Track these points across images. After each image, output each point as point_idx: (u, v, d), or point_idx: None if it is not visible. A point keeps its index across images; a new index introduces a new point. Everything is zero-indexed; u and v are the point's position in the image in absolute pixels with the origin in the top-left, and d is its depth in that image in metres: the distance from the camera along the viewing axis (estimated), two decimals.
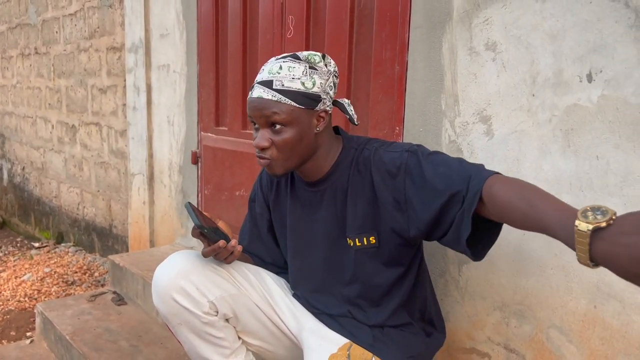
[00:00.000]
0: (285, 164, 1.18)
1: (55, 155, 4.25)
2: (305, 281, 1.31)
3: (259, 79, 1.17)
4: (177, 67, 2.62)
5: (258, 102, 1.15)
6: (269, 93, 1.14)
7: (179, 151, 2.72)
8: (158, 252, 2.67)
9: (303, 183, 1.28)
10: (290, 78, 1.14)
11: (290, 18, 1.95)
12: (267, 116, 1.14)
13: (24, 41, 4.56)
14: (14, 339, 2.58)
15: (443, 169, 1.09)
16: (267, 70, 1.17)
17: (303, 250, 1.30)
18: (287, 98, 1.13)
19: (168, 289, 1.20)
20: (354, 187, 1.20)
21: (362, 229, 1.19)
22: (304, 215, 1.29)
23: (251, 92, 1.18)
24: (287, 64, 1.16)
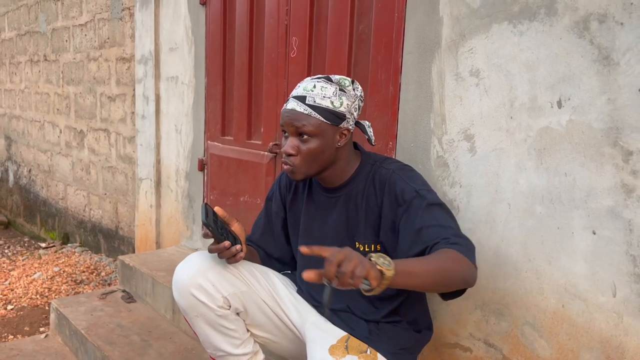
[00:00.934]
0: (306, 170, 1.37)
1: (63, 158, 4.40)
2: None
3: (295, 93, 1.36)
4: (186, 79, 2.78)
5: (291, 114, 1.33)
6: (302, 107, 1.32)
7: (185, 158, 2.87)
8: (165, 253, 2.82)
9: (321, 188, 1.47)
10: (321, 96, 1.33)
11: (294, 39, 2.11)
12: (297, 127, 1.32)
13: (33, 48, 4.71)
14: (28, 333, 2.72)
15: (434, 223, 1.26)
16: (302, 87, 1.36)
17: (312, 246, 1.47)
18: (316, 113, 1.32)
19: (187, 286, 1.36)
20: (367, 198, 1.39)
21: (369, 237, 1.38)
22: (318, 216, 1.46)
23: (286, 104, 1.37)
24: (320, 84, 1.35)
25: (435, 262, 1.14)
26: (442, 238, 1.21)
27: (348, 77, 1.40)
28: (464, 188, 1.60)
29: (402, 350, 1.40)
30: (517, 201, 1.48)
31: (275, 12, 2.19)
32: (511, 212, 1.50)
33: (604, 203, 1.32)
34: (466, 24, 1.57)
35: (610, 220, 1.31)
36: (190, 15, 2.68)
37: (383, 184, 1.37)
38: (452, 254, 1.17)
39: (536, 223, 1.45)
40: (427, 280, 1.10)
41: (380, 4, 1.79)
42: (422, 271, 1.10)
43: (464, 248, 1.20)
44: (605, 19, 1.29)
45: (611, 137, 1.29)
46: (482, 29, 1.53)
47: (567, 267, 1.40)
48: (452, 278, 1.14)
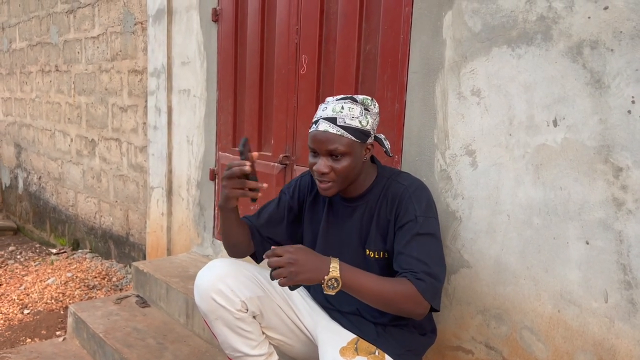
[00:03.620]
0: (340, 187, 1.48)
1: (74, 166, 4.51)
2: None
3: (324, 115, 1.45)
4: (197, 92, 2.89)
5: (323, 135, 1.43)
6: (334, 128, 1.42)
7: (197, 168, 2.98)
8: (177, 259, 2.93)
9: (340, 197, 1.57)
10: (350, 117, 1.43)
11: (304, 57, 2.22)
12: (331, 149, 1.42)
13: (44, 58, 4.83)
14: (45, 337, 2.82)
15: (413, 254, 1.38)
16: (331, 109, 1.45)
17: (328, 252, 1.57)
18: (348, 133, 1.42)
19: (208, 290, 1.47)
20: (380, 209, 1.50)
21: (380, 245, 1.50)
22: (335, 223, 1.57)
23: (316, 125, 1.46)
24: (348, 105, 1.45)
25: (384, 287, 1.31)
26: (411, 271, 1.34)
27: (368, 97, 1.51)
28: (466, 200, 1.70)
29: (408, 352, 1.50)
30: (516, 213, 1.58)
31: (285, 31, 2.30)
32: (510, 223, 1.60)
33: (596, 215, 1.42)
34: (468, 47, 1.67)
35: (602, 232, 1.41)
36: (203, 31, 2.80)
37: (395, 199, 1.48)
38: (406, 288, 1.31)
39: (533, 233, 1.55)
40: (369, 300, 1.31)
41: (387, 26, 1.90)
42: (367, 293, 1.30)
43: (425, 286, 1.32)
44: (597, 45, 1.40)
45: (603, 155, 1.40)
46: (482, 52, 1.64)
47: (562, 275, 1.50)
48: (391, 306, 1.32)
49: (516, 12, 1.55)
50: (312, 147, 1.47)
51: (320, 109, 1.50)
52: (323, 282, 1.26)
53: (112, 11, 3.71)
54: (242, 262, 1.57)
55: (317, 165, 1.46)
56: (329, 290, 1.27)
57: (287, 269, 1.24)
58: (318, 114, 1.50)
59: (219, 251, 2.88)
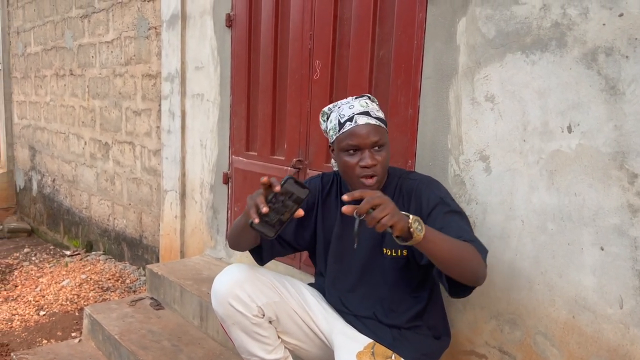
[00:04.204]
0: (382, 178, 1.51)
1: (87, 169, 4.56)
2: (342, 281, 1.60)
3: (357, 110, 1.48)
4: (211, 97, 2.92)
5: (366, 128, 1.45)
6: (373, 120, 1.47)
7: (210, 171, 3.01)
8: (190, 262, 2.95)
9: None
10: (376, 110, 1.50)
11: (317, 62, 2.24)
12: (374, 140, 1.45)
13: (58, 62, 4.89)
14: (61, 338, 2.86)
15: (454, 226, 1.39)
16: (358, 104, 1.49)
17: (344, 254, 1.59)
18: (382, 124, 1.48)
19: (225, 296, 1.49)
20: None
21: (397, 244, 1.48)
22: (350, 226, 1.57)
23: (353, 121, 1.46)
24: (368, 101, 1.52)
25: (457, 245, 1.30)
26: (460, 236, 1.35)
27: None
28: (480, 205, 1.71)
29: (423, 356, 1.51)
30: (530, 218, 1.59)
31: (299, 37, 2.32)
32: (524, 228, 1.61)
33: (611, 221, 1.42)
34: (482, 53, 1.68)
35: (617, 238, 1.41)
36: (216, 36, 2.83)
37: (410, 194, 1.51)
38: (470, 247, 1.33)
39: (548, 239, 1.55)
40: (445, 255, 1.27)
41: (400, 31, 1.91)
42: (444, 246, 1.27)
43: (479, 247, 1.35)
44: (612, 52, 1.40)
45: (618, 161, 1.40)
46: (496, 58, 1.65)
47: (577, 281, 1.50)
48: (465, 264, 1.30)
49: (530, 18, 1.56)
50: (354, 143, 1.45)
51: (345, 107, 1.50)
52: (410, 224, 1.19)
53: (126, 16, 3.75)
54: (258, 268, 1.59)
55: (364, 159, 1.45)
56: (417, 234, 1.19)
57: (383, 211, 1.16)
58: (345, 112, 1.49)
59: (231, 254, 2.91)
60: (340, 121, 1.49)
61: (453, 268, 1.30)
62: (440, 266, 1.31)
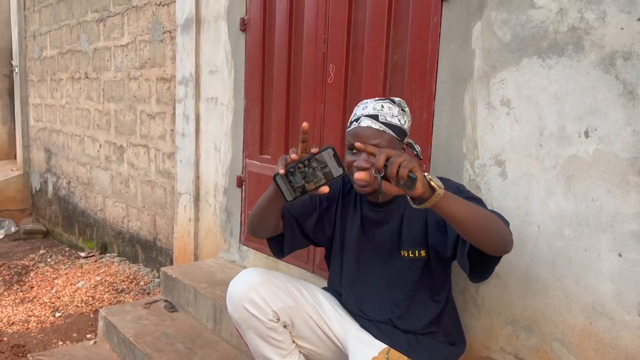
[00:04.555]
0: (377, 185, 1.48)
1: (102, 172, 4.61)
2: (359, 284, 1.60)
3: (365, 112, 1.48)
4: (225, 101, 2.94)
5: (367, 131, 1.45)
6: (377, 124, 1.45)
7: (224, 175, 3.02)
8: (204, 265, 2.97)
9: (369, 203, 1.58)
10: (390, 115, 1.47)
11: (331, 66, 2.24)
12: (373, 144, 1.43)
13: (74, 66, 4.94)
14: (76, 340, 2.89)
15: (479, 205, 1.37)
16: (371, 107, 1.48)
17: (361, 256, 1.59)
18: (390, 130, 1.45)
19: (241, 300, 1.49)
20: (410, 210, 1.51)
21: (415, 244, 1.50)
22: (367, 229, 1.58)
23: (358, 122, 1.47)
24: (387, 105, 1.48)
25: (479, 208, 1.28)
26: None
27: (402, 99, 1.54)
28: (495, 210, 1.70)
29: None
30: (546, 224, 1.58)
31: (313, 41, 2.33)
32: (540, 233, 1.59)
33: (629, 227, 1.41)
34: (497, 57, 1.67)
35: (636, 244, 1.40)
36: (230, 40, 2.84)
37: None
38: (493, 213, 1.31)
39: (564, 245, 1.54)
40: (468, 216, 1.22)
41: (415, 36, 1.91)
42: (467, 206, 1.23)
43: (501, 217, 1.34)
44: (630, 57, 1.39)
45: (636, 166, 1.39)
46: (512, 62, 1.64)
47: (594, 287, 1.49)
48: (490, 226, 1.26)
49: (547, 22, 1.55)
50: (352, 143, 1.46)
51: (359, 108, 1.52)
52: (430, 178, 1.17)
53: (141, 20, 3.79)
54: (274, 272, 1.60)
55: (358, 161, 1.45)
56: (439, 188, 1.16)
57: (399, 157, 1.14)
58: (357, 112, 1.51)
59: (245, 257, 2.92)
60: (350, 119, 1.52)
61: (479, 231, 1.23)
62: (465, 230, 1.23)
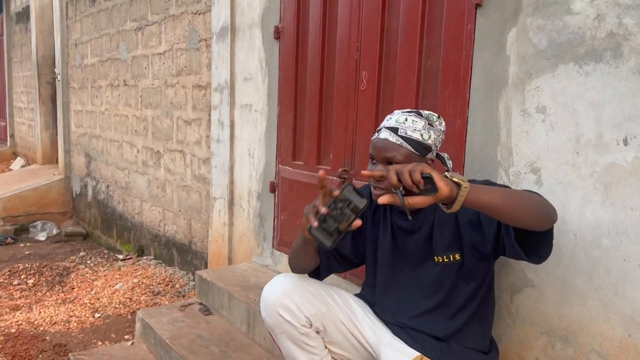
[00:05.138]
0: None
1: (140, 176, 4.73)
2: (392, 293, 1.61)
3: (387, 125, 1.50)
4: (259, 107, 2.98)
5: (383, 143, 1.48)
6: (394, 137, 1.47)
7: (257, 180, 3.07)
8: (238, 269, 3.02)
9: (399, 212, 1.60)
10: (412, 129, 1.47)
11: (364, 73, 2.26)
12: (388, 157, 1.46)
13: (113, 73, 5.10)
14: (114, 340, 2.98)
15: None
16: (395, 119, 1.50)
17: (394, 265, 1.59)
18: (407, 144, 1.46)
19: (274, 305, 1.52)
20: (440, 216, 1.52)
21: (448, 248, 1.51)
22: (399, 238, 1.60)
23: (378, 133, 1.51)
24: (412, 118, 1.49)
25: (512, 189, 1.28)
26: None
27: (435, 114, 1.53)
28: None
29: None
30: (583, 233, 1.55)
31: (346, 48, 2.35)
32: (577, 242, 1.57)
33: None
34: (532, 64, 1.66)
35: None
36: (265, 48, 2.89)
37: None
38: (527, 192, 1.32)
39: (602, 254, 1.51)
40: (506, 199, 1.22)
41: (448, 42, 1.90)
42: (500, 192, 1.24)
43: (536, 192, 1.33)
44: None
45: None
46: (548, 69, 1.62)
47: (633, 298, 1.45)
48: (531, 202, 1.25)
49: (584, 28, 1.53)
50: (371, 153, 1.52)
51: (386, 119, 1.55)
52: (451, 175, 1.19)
53: (178, 29, 3.88)
54: (306, 278, 1.62)
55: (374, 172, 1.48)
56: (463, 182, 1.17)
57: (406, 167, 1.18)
58: (382, 123, 1.54)
59: (278, 261, 2.95)
60: (377, 129, 1.55)
61: (520, 211, 1.22)
62: (505, 214, 1.22)
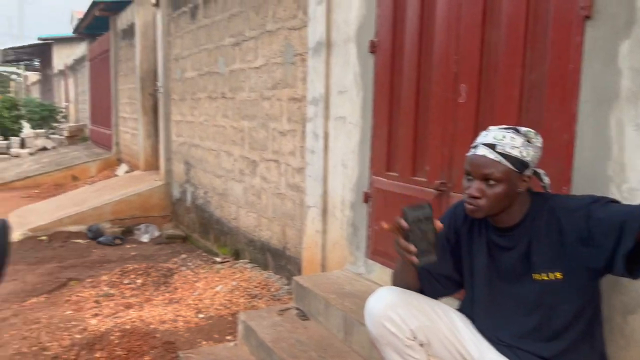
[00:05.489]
0: (488, 211, 1.53)
1: (236, 184, 4.98)
2: (492, 312, 1.61)
3: (484, 141, 1.52)
4: (353, 120, 3.06)
5: (481, 160, 1.50)
6: (493, 154, 1.48)
7: (350, 190, 3.14)
8: (332, 276, 3.10)
9: (494, 228, 1.60)
10: (511, 146, 1.48)
11: (463, 86, 2.26)
12: (486, 173, 1.48)
13: (212, 86, 5.41)
14: (217, 340, 3.17)
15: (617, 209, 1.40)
16: (492, 136, 1.51)
17: (492, 284, 1.60)
18: (506, 161, 1.47)
19: (379, 317, 1.58)
20: (540, 232, 1.51)
21: (549, 266, 1.49)
22: (494, 255, 1.60)
23: (475, 149, 1.53)
24: (510, 134, 1.50)
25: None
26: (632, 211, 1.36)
27: (532, 130, 1.53)
28: None
29: None
30: None
31: (443, 61, 2.36)
32: None
33: None
34: None
35: None
36: (359, 62, 2.96)
37: (555, 214, 1.49)
38: None
39: None
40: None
41: (554, 55, 1.87)
42: None
43: None
44: None
45: None
46: None
47: None
48: None
49: None
50: (468, 169, 1.53)
51: (481, 135, 1.56)
52: None
53: (274, 44, 4.06)
54: (410, 292, 1.66)
55: (470, 188, 1.51)
56: None
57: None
58: (478, 139, 1.55)
59: (371, 270, 3.00)
60: (471, 145, 1.56)
61: None
62: None
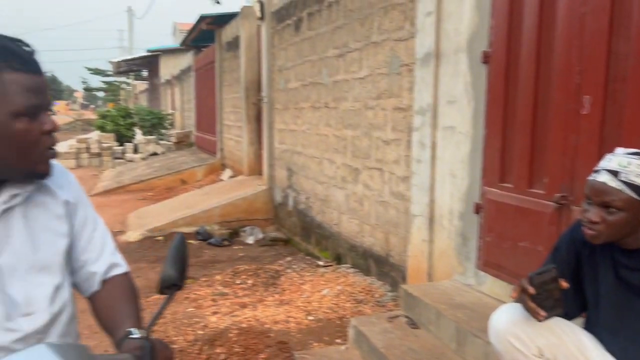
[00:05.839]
0: (607, 238, 1.51)
1: (338, 190, 5.12)
2: (622, 336, 1.58)
3: (607, 166, 1.48)
4: (463, 130, 3.06)
5: (601, 186, 1.47)
6: (615, 182, 1.45)
7: (459, 200, 3.14)
8: (440, 286, 3.12)
9: (619, 250, 1.57)
10: (635, 174, 1.44)
11: (586, 97, 2.20)
12: (606, 201, 1.45)
13: (315, 96, 5.60)
14: (327, 343, 3.30)
15: None
16: (617, 161, 1.47)
17: (619, 305, 1.57)
18: (629, 189, 1.43)
19: (505, 333, 1.60)
20: None
21: None
22: (622, 277, 1.57)
23: (596, 175, 1.50)
24: (636, 162, 1.45)
25: None
26: None
27: None
28: None
29: None
30: None
31: (564, 71, 2.31)
32: None
33: None
34: None
35: None
36: (471, 72, 2.96)
37: None
38: None
39: None
40: None
41: None
42: None
43: None
44: None
45: None
46: None
47: None
48: None
49: None
50: (588, 194, 1.50)
51: (605, 159, 1.52)
52: None
53: (379, 55, 4.14)
54: None
55: (589, 213, 1.49)
56: None
57: None
58: (601, 164, 1.51)
59: (482, 282, 2.98)
60: (594, 169, 1.52)
61: None
62: None
